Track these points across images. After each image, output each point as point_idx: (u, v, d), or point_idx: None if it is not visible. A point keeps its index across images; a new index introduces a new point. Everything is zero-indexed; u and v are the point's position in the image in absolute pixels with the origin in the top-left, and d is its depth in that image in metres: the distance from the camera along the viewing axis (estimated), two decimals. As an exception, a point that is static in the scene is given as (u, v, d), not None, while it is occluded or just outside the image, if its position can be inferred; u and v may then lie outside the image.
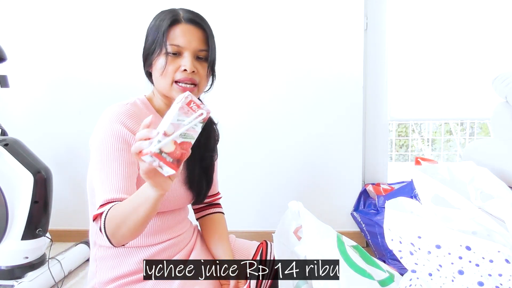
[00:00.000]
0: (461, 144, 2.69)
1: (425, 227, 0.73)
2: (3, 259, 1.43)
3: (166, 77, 0.85)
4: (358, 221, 1.84)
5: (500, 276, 0.66)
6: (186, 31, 0.85)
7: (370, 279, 0.82)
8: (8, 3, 1.98)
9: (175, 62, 0.84)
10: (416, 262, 0.72)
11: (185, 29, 0.85)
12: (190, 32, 0.85)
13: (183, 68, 0.84)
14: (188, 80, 0.85)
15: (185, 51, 0.85)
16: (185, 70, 0.84)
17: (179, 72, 0.85)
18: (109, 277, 0.88)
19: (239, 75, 1.92)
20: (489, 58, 1.91)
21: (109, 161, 0.79)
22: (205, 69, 0.88)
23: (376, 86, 1.97)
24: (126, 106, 0.86)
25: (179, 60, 0.85)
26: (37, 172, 1.45)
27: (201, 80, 0.88)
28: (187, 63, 0.84)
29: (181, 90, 0.84)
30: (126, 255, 0.89)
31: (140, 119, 0.84)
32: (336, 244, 0.85)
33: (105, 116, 0.84)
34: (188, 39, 0.85)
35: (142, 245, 0.90)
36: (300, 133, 1.92)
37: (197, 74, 0.86)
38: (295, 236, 0.93)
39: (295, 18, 1.86)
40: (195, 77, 0.86)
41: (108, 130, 0.82)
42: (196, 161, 0.97)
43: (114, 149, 0.80)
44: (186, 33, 0.85)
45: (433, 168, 0.97)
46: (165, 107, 0.93)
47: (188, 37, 0.85)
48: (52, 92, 2.01)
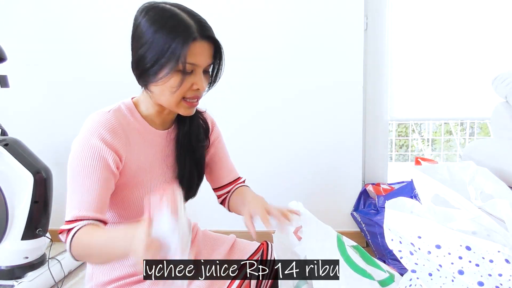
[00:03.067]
0: (461, 144, 2.69)
1: (425, 227, 0.73)
2: (3, 259, 1.44)
3: (177, 95, 0.80)
4: (358, 221, 1.84)
5: (500, 276, 0.66)
6: (203, 49, 0.79)
7: (370, 279, 0.82)
8: (8, 3, 1.98)
9: (188, 81, 0.80)
10: (416, 262, 0.72)
11: (202, 47, 0.79)
12: (205, 48, 0.80)
13: (196, 87, 0.81)
14: (196, 97, 0.83)
15: (198, 69, 0.80)
16: (198, 89, 0.81)
17: (191, 91, 0.81)
18: (105, 279, 0.88)
19: (238, 75, 1.91)
20: (489, 58, 1.91)
21: (83, 177, 0.77)
22: (207, 80, 0.85)
23: (376, 86, 1.97)
24: (108, 114, 0.82)
25: (191, 78, 0.80)
26: (37, 172, 1.45)
27: (203, 92, 0.86)
28: (199, 81, 0.80)
29: (188, 106, 0.83)
30: None
31: (122, 128, 0.82)
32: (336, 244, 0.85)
33: (84, 125, 0.81)
34: (204, 57, 0.80)
35: None
36: (300, 133, 1.92)
37: (203, 90, 0.84)
38: (295, 236, 0.93)
39: (295, 18, 1.86)
40: (201, 92, 0.84)
41: (84, 143, 0.79)
42: (186, 154, 0.95)
43: (88, 165, 0.77)
44: (203, 52, 0.79)
45: (433, 168, 0.97)
46: (155, 114, 0.89)
47: (204, 55, 0.80)
48: (52, 92, 2.01)
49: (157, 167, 0.92)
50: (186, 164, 0.95)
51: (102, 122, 0.80)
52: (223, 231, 1.16)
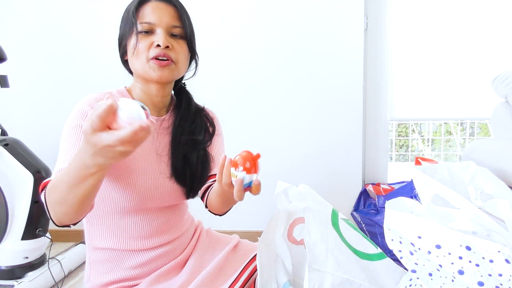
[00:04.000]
0: (461, 144, 2.69)
1: (425, 227, 0.73)
2: (3, 259, 1.43)
3: (139, 56, 0.82)
4: (358, 221, 1.84)
5: (500, 276, 0.66)
6: (155, 8, 0.82)
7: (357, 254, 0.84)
8: (8, 3, 1.98)
9: (147, 39, 0.81)
10: (416, 262, 0.72)
11: (155, 6, 0.83)
12: (160, 8, 0.83)
13: (156, 44, 0.80)
14: (163, 55, 0.81)
15: (157, 28, 0.82)
16: (158, 46, 0.80)
17: (153, 48, 0.81)
18: (103, 281, 0.87)
19: (238, 75, 1.92)
20: (489, 58, 1.91)
21: (70, 136, 0.79)
22: (182, 47, 0.85)
23: (376, 86, 1.97)
24: (99, 94, 0.86)
25: (151, 37, 0.82)
26: (37, 172, 1.45)
27: (178, 58, 0.84)
28: (160, 38, 0.80)
29: (158, 66, 0.81)
30: (120, 260, 0.87)
31: None
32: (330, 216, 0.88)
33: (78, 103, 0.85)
34: (159, 15, 0.82)
35: (136, 248, 0.87)
36: (300, 133, 1.92)
37: (172, 50, 0.83)
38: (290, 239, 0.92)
39: (295, 18, 1.86)
40: (171, 53, 0.82)
41: (74, 110, 0.82)
42: (181, 149, 0.90)
43: (75, 125, 0.80)
44: (156, 10, 0.82)
45: (433, 168, 0.97)
46: (143, 96, 0.89)
47: (158, 13, 0.82)
48: (52, 92, 2.01)
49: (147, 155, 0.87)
50: (179, 157, 0.90)
51: (94, 96, 0.84)
52: (225, 231, 1.15)
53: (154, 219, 0.89)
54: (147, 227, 0.88)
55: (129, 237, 0.87)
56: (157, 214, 0.90)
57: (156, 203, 0.88)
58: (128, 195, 0.84)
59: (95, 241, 0.88)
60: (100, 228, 0.87)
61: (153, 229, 0.89)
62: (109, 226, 0.87)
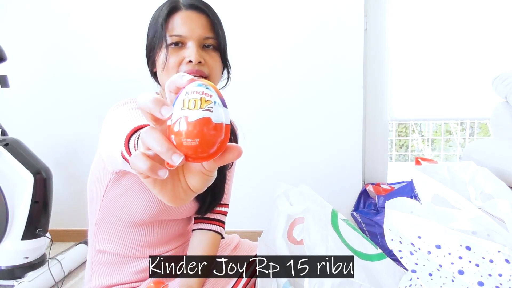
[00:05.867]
0: (461, 144, 2.69)
1: (425, 227, 0.73)
2: (3, 259, 1.43)
3: (169, 72, 0.74)
4: (358, 221, 1.84)
5: (500, 276, 0.66)
6: (186, 18, 0.75)
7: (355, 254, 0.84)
8: (8, 3, 1.98)
9: (178, 54, 0.74)
10: (416, 262, 0.72)
11: (186, 16, 0.75)
12: (191, 19, 0.75)
13: (188, 60, 0.73)
14: (195, 72, 0.74)
15: (188, 41, 0.74)
16: (190, 62, 0.73)
17: (184, 65, 0.74)
18: (104, 283, 0.87)
19: (237, 76, 1.91)
20: (489, 58, 1.91)
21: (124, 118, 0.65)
22: (215, 60, 0.78)
23: (376, 86, 1.97)
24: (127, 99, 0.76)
25: (182, 51, 0.75)
26: (37, 172, 1.45)
27: (211, 72, 0.78)
28: (191, 53, 0.73)
29: None
30: (123, 264, 0.87)
31: None
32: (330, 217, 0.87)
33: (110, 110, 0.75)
34: (190, 27, 0.74)
35: (142, 255, 0.88)
36: (300, 133, 1.92)
37: (205, 65, 0.76)
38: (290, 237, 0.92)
39: (296, 18, 1.86)
40: (203, 68, 0.75)
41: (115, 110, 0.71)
42: None
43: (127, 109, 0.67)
44: (187, 21, 0.75)
45: (433, 168, 0.97)
46: None
47: (189, 24, 0.74)
48: (52, 92, 2.01)
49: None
50: None
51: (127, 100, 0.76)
52: (225, 231, 1.15)
53: (163, 230, 0.89)
54: (156, 236, 0.88)
55: (137, 245, 0.87)
56: (167, 225, 0.90)
57: (171, 217, 0.88)
58: (148, 208, 0.83)
59: (100, 244, 0.87)
60: (108, 234, 0.86)
61: (161, 239, 0.89)
62: (118, 233, 0.86)
